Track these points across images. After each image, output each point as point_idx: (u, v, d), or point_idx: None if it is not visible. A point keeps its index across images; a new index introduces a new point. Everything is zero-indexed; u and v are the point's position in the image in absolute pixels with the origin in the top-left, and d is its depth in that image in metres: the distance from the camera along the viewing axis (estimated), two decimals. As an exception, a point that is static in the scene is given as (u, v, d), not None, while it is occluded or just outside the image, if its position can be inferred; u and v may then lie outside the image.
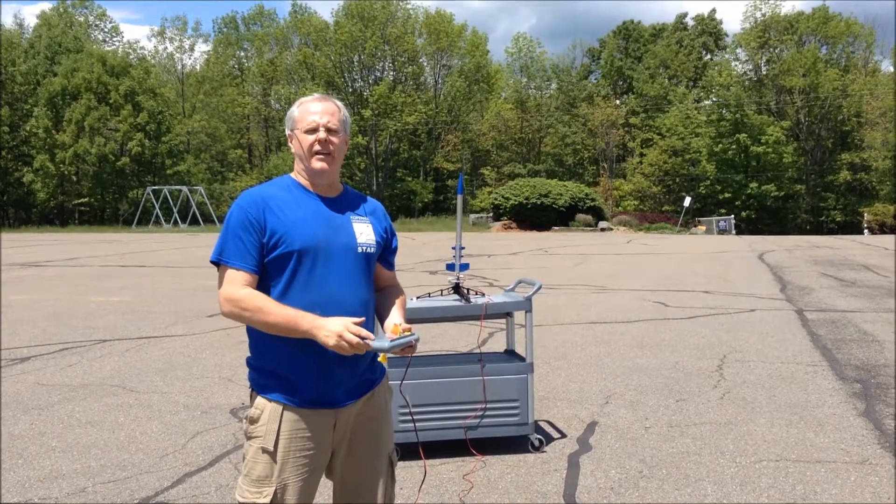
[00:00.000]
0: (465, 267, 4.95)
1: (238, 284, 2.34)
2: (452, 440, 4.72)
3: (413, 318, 5.09)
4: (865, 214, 49.41)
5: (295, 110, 2.53)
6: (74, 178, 52.31)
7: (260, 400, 2.41)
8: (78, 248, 25.91)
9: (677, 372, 6.88)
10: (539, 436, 4.87)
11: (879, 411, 5.61)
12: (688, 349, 7.86)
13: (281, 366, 2.40)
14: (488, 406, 4.70)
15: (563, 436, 5.12)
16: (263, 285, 2.39)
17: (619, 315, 10.15)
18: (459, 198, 5.17)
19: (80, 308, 11.23)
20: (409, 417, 4.63)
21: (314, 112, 2.49)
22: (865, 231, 45.13)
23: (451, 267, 4.93)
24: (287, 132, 2.57)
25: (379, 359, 2.48)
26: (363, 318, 2.35)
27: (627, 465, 4.57)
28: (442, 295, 4.97)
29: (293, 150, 2.54)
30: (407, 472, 4.47)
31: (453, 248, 4.98)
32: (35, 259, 20.55)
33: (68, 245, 27.61)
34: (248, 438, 2.44)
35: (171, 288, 13.80)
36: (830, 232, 48.51)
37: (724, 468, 4.50)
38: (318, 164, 2.48)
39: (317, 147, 2.46)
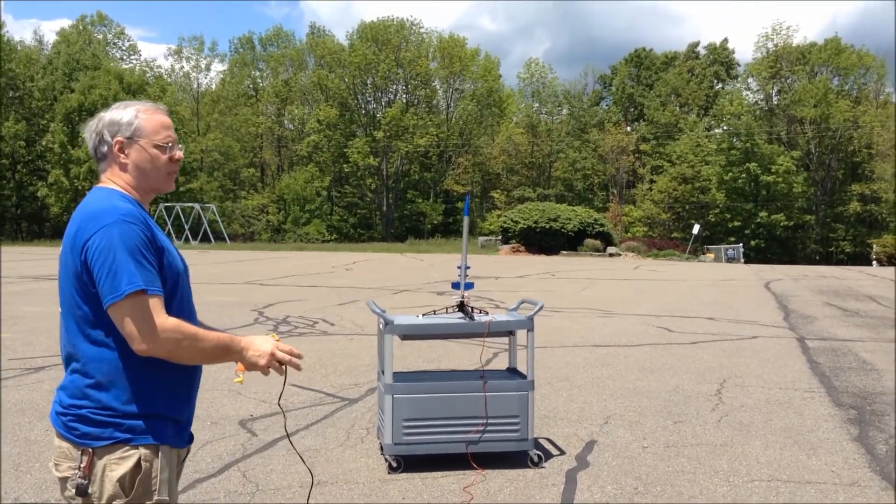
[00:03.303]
0: (469, 286, 5.12)
1: (164, 313, 2.09)
2: (454, 454, 4.87)
3: (418, 334, 5.28)
4: (874, 246, 49.32)
5: (136, 117, 2.25)
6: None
7: (143, 451, 2.11)
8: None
9: (677, 395, 7.01)
10: (538, 452, 5.01)
11: (872, 436, 5.73)
12: (689, 373, 7.99)
13: (173, 404, 2.20)
14: (489, 421, 4.86)
15: (562, 453, 5.27)
16: None
17: (623, 339, 10.28)
18: (465, 219, 5.37)
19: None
20: (413, 430, 4.79)
21: (168, 126, 2.30)
22: (874, 262, 45.05)
23: (456, 286, 5.11)
24: (118, 138, 2.24)
25: (236, 381, 2.29)
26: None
27: (623, 482, 4.71)
28: (447, 313, 5.15)
29: (131, 161, 2.24)
30: (409, 484, 4.63)
31: (458, 267, 5.16)
32: (49, 272, 20.81)
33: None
34: (142, 500, 2.10)
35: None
36: (840, 263, 48.46)
37: (717, 487, 4.64)
38: (172, 183, 2.33)
39: (173, 167, 2.31)
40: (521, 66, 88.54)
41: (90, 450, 2.09)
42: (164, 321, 2.07)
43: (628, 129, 61.97)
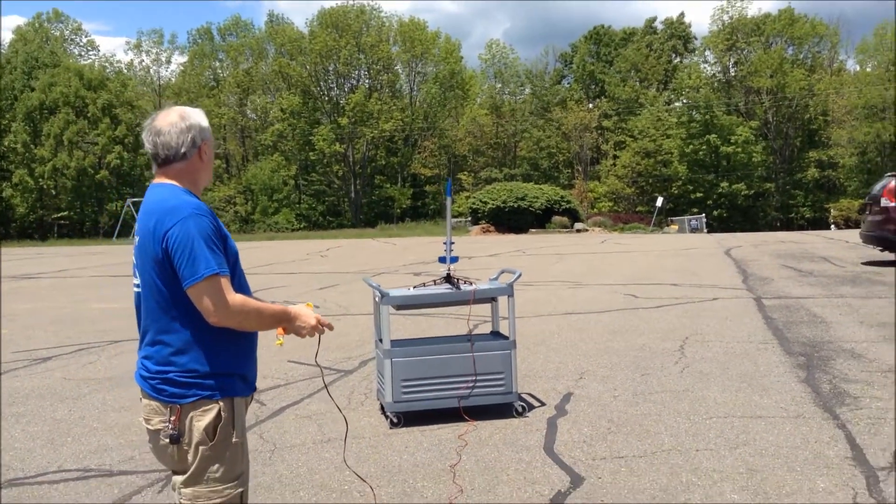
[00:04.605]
0: (455, 259, 5.70)
1: (232, 290, 2.50)
2: (447, 408, 5.47)
3: (411, 304, 5.85)
4: (832, 210, 50.77)
5: (205, 122, 2.69)
6: (53, 191, 52.49)
7: (221, 403, 2.54)
8: (64, 260, 26.35)
9: (643, 352, 7.67)
10: (522, 403, 5.64)
11: (818, 378, 6.42)
12: (654, 333, 8.66)
13: (240, 363, 2.63)
14: (478, 378, 5.45)
15: (543, 404, 5.89)
16: None
17: (593, 306, 10.94)
18: (448, 199, 5.95)
19: (84, 314, 11.85)
20: (410, 389, 5.38)
21: None
22: (832, 226, 46.40)
23: (443, 260, 5.68)
24: (205, 141, 2.68)
25: (277, 343, 2.75)
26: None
27: (598, 424, 5.35)
28: (435, 284, 5.73)
29: (205, 161, 2.70)
30: (410, 436, 5.22)
31: (444, 243, 5.74)
32: (26, 271, 21.04)
33: (54, 258, 28.03)
34: (224, 443, 2.56)
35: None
36: (800, 228, 49.77)
37: (680, 424, 5.29)
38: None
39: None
40: (482, 47, 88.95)
41: (178, 406, 2.52)
42: (234, 298, 2.49)
43: (590, 106, 62.83)
